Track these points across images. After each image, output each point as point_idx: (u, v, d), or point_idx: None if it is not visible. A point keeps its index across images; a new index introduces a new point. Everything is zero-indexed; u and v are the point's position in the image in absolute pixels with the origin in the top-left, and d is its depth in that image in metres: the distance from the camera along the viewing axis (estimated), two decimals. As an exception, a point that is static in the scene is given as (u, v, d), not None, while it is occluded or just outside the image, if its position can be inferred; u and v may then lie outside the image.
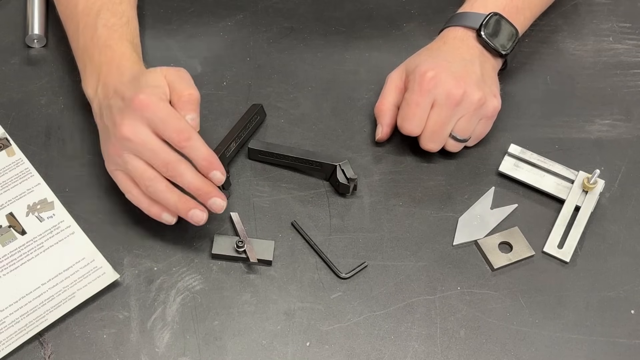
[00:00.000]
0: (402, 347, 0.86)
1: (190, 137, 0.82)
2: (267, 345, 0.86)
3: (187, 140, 0.82)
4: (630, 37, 1.10)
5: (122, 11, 0.94)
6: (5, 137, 0.97)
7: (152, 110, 0.82)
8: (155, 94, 0.83)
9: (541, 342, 0.87)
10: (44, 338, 0.85)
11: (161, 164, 0.83)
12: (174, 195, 0.84)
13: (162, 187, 0.84)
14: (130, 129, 0.82)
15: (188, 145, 0.82)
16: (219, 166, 0.83)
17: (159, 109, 0.82)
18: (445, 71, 0.92)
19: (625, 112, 1.04)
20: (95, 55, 0.91)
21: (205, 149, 0.83)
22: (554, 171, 0.96)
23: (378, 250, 0.92)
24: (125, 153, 0.84)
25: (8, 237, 0.90)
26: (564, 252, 0.92)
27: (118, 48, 0.91)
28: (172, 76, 0.86)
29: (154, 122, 0.82)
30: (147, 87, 0.84)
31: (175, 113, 0.83)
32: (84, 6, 0.94)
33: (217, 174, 0.83)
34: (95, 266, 0.88)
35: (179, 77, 0.86)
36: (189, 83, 0.86)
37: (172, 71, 0.86)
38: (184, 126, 0.82)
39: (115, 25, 0.93)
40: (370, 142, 0.99)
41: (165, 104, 0.83)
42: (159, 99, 0.83)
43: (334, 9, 1.11)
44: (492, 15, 0.96)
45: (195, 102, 0.85)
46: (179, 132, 0.81)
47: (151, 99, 0.82)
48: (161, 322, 0.86)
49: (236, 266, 0.90)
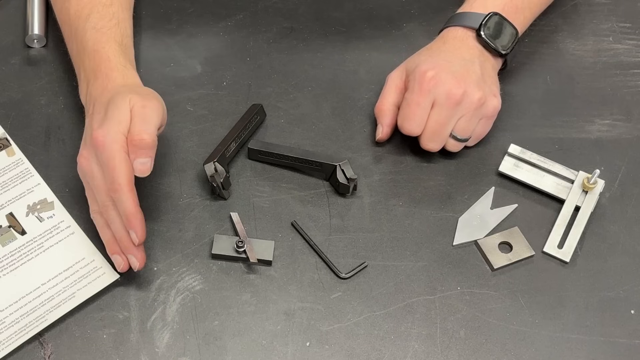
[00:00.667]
0: (402, 347, 0.86)
1: (118, 190, 0.81)
2: (267, 345, 0.86)
3: (114, 192, 0.82)
4: (630, 37, 1.10)
5: (112, 13, 0.94)
6: (5, 137, 0.97)
7: (102, 150, 0.82)
8: (112, 132, 0.82)
9: (541, 342, 0.87)
10: (44, 338, 0.85)
11: (100, 203, 0.85)
12: (107, 234, 0.86)
13: (100, 222, 0.86)
14: (86, 161, 0.84)
15: (115, 197, 0.82)
16: (138, 227, 0.82)
17: (106, 151, 0.82)
18: (446, 71, 0.92)
19: (625, 112, 1.04)
20: (85, 60, 0.91)
21: (129, 205, 0.82)
22: (554, 171, 0.96)
23: (378, 250, 0.92)
24: (82, 178, 0.87)
25: (8, 237, 0.90)
26: (564, 252, 0.92)
27: (104, 52, 0.90)
28: (136, 112, 0.83)
29: (100, 163, 0.83)
30: (109, 121, 0.83)
31: (117, 161, 0.81)
32: (75, 9, 0.94)
33: (132, 234, 0.83)
34: (95, 266, 0.88)
35: (141, 117, 0.83)
36: (149, 125, 0.83)
37: (139, 107, 0.84)
38: (116, 177, 0.81)
39: (104, 28, 0.92)
40: (370, 142, 0.99)
41: (116, 147, 0.82)
42: (113, 140, 0.82)
43: (334, 9, 1.11)
44: (491, 15, 0.96)
45: (146, 147, 0.82)
46: (112, 181, 0.81)
47: (105, 139, 0.82)
48: (161, 322, 0.86)
49: (236, 266, 0.90)
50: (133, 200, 0.82)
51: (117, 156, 0.81)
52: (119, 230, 0.84)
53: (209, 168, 0.92)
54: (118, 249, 0.86)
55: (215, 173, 0.92)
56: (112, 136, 0.82)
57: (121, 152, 0.82)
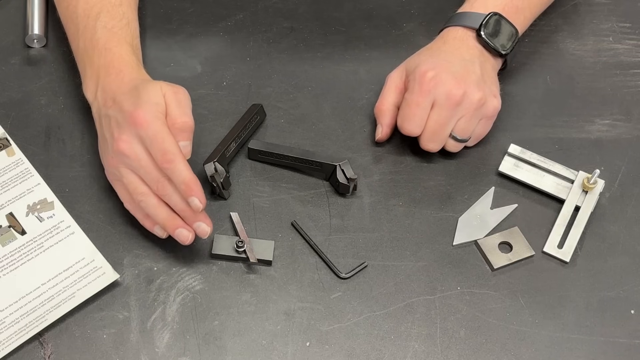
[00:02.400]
0: (402, 347, 0.86)
1: (173, 160, 0.82)
2: (267, 345, 0.86)
3: (169, 162, 0.82)
4: (630, 37, 1.10)
5: (122, 13, 0.94)
6: (5, 137, 0.97)
7: (146, 128, 0.83)
8: (152, 111, 0.83)
9: (541, 342, 0.87)
10: (44, 338, 0.85)
11: (152, 181, 0.84)
12: (162, 212, 0.85)
13: (152, 203, 0.85)
14: (127, 145, 0.84)
15: (170, 168, 0.82)
16: (199, 193, 0.83)
17: (151, 127, 0.83)
18: (446, 71, 0.92)
19: (625, 112, 1.04)
20: (94, 58, 0.91)
21: (186, 173, 0.83)
22: (553, 171, 0.96)
23: (378, 250, 0.92)
24: (121, 166, 0.86)
25: (8, 237, 0.90)
26: (564, 252, 0.92)
27: (117, 51, 0.91)
28: (170, 97, 0.86)
29: (145, 140, 0.83)
30: (145, 103, 0.84)
31: (165, 133, 0.83)
32: (84, 8, 0.94)
33: (194, 200, 0.83)
34: (95, 266, 0.88)
35: (177, 102, 0.86)
36: (185, 109, 0.86)
37: (171, 93, 0.86)
38: (169, 147, 0.82)
39: (115, 28, 0.93)
40: (370, 142, 0.99)
41: (159, 123, 0.83)
42: (155, 117, 0.83)
43: (334, 9, 1.11)
44: (492, 15, 0.96)
45: (188, 130, 0.86)
46: (164, 152, 0.82)
47: (147, 116, 0.83)
48: (161, 322, 0.86)
49: (236, 266, 0.90)
50: (188, 167, 0.83)
51: (164, 129, 0.83)
52: (178, 202, 0.84)
53: (209, 168, 0.92)
54: (180, 222, 0.85)
55: (215, 173, 0.92)
56: (153, 113, 0.83)
57: (165, 126, 0.83)
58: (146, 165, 0.84)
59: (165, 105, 0.85)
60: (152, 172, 0.84)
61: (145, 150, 0.84)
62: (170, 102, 0.85)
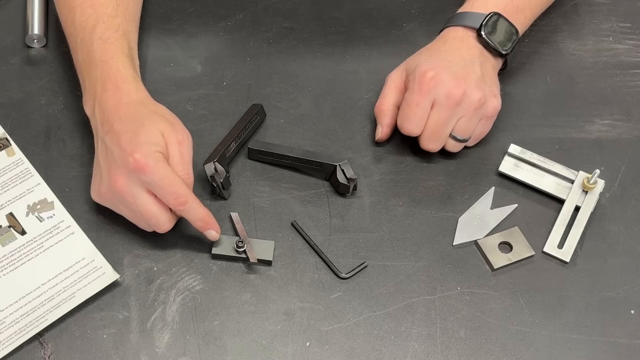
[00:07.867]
0: (402, 347, 0.86)
1: (187, 202, 0.84)
2: (267, 345, 0.86)
3: (183, 205, 0.84)
4: (630, 37, 1.10)
5: (117, 24, 0.93)
6: (5, 137, 0.97)
7: (150, 174, 0.83)
8: (152, 155, 0.83)
9: (541, 342, 0.87)
10: (44, 338, 0.85)
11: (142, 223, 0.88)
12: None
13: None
14: (126, 188, 0.84)
15: (184, 209, 0.85)
16: (215, 225, 0.88)
17: (157, 173, 0.83)
18: (446, 71, 0.92)
19: (625, 112, 1.04)
20: (92, 70, 0.91)
21: (201, 211, 0.86)
22: (554, 171, 0.96)
23: (378, 250, 0.92)
24: (118, 204, 0.87)
25: (8, 237, 0.90)
26: (564, 252, 0.92)
27: (114, 63, 0.90)
28: (172, 147, 0.86)
29: (150, 185, 0.84)
30: (145, 144, 0.84)
31: (172, 177, 0.84)
32: (80, 20, 0.94)
33: (211, 232, 0.88)
34: (95, 266, 0.88)
35: (180, 154, 0.86)
36: (186, 164, 0.87)
37: (173, 142, 0.86)
38: (180, 190, 0.84)
39: (111, 39, 0.92)
40: (370, 142, 0.99)
41: (162, 166, 0.83)
42: (157, 161, 0.83)
43: (334, 9, 1.11)
44: (492, 15, 0.96)
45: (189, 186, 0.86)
46: (176, 196, 0.84)
47: (148, 162, 0.83)
48: (161, 322, 0.86)
49: (236, 266, 0.90)
50: (200, 204, 0.86)
51: (168, 173, 0.83)
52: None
53: (209, 168, 0.92)
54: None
55: (215, 173, 0.92)
56: (153, 156, 0.83)
57: (169, 168, 0.84)
58: (150, 210, 0.85)
59: (166, 146, 0.85)
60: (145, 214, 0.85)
61: (146, 190, 0.84)
62: (174, 154, 0.86)
